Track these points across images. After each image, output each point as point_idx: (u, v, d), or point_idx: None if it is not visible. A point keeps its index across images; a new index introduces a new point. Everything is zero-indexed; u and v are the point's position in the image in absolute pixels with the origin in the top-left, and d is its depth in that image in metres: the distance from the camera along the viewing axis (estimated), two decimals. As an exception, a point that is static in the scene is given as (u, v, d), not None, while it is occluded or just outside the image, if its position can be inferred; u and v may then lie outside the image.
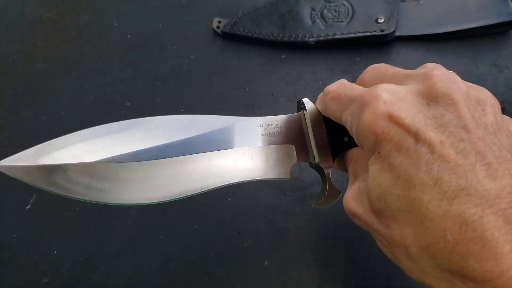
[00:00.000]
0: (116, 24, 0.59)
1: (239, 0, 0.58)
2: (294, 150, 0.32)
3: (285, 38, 0.52)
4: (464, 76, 0.47)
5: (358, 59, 0.50)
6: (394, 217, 0.23)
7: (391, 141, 0.22)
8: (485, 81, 0.47)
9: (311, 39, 0.51)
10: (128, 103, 0.51)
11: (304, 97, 0.49)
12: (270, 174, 0.32)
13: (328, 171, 0.32)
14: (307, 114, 0.32)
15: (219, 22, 0.55)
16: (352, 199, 0.27)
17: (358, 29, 0.50)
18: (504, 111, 0.44)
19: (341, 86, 0.28)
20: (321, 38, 0.51)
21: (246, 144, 0.31)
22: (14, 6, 0.63)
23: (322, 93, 0.31)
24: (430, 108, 0.23)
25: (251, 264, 0.40)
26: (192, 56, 0.54)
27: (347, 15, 0.51)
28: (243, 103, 0.49)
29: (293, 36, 0.51)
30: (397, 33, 0.50)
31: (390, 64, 0.44)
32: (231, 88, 0.51)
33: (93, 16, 0.60)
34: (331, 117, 0.30)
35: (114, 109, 0.51)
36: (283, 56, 0.52)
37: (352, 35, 0.50)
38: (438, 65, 0.25)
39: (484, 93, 0.25)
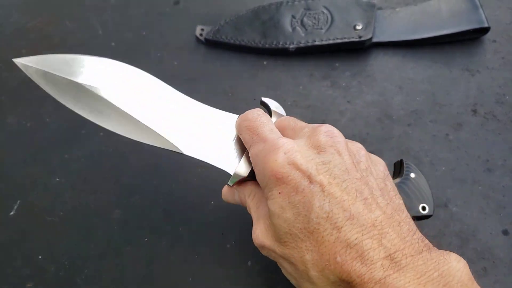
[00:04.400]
0: (100, 32, 0.60)
1: (222, 8, 0.60)
2: None
3: (267, 45, 0.53)
4: (439, 80, 0.49)
5: (337, 64, 0.52)
6: (297, 246, 0.27)
7: (290, 183, 0.27)
8: (458, 85, 0.48)
9: (291, 46, 0.52)
10: (112, 109, 0.51)
11: (285, 101, 0.50)
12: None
13: None
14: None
15: (202, 29, 0.56)
16: (260, 234, 0.31)
17: (337, 35, 0.52)
18: (476, 113, 0.46)
19: (257, 118, 0.32)
20: (301, 45, 0.52)
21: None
22: (-3, 14, 0.64)
23: (240, 116, 0.34)
24: (320, 156, 0.28)
25: (234, 265, 0.40)
26: (175, 63, 0.55)
27: (326, 22, 0.53)
28: (226, 108, 0.50)
29: (274, 43, 0.53)
30: (375, 40, 0.52)
31: (369, 69, 0.47)
32: (214, 93, 0.52)
33: (77, 24, 0.61)
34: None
35: (99, 115, 0.51)
36: (264, 63, 0.54)
37: (331, 42, 0.52)
38: (324, 124, 0.31)
39: (356, 145, 0.31)
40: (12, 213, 0.45)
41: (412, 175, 0.36)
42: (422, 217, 0.35)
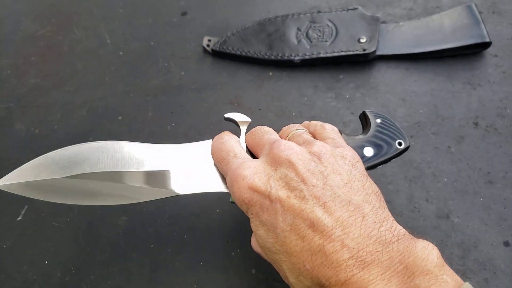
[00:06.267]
0: (108, 41, 0.61)
1: (228, 19, 0.61)
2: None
3: (272, 57, 0.54)
4: (441, 93, 0.50)
5: (341, 76, 0.53)
6: (274, 258, 0.30)
7: (255, 205, 0.30)
8: (460, 98, 0.49)
9: (296, 58, 0.53)
10: (119, 117, 0.52)
11: (290, 112, 0.51)
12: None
13: None
14: None
15: (209, 40, 0.57)
16: (254, 244, 0.34)
17: (341, 48, 0.53)
18: (477, 125, 0.47)
19: (222, 147, 0.35)
20: (306, 57, 0.53)
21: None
22: (7, 22, 0.65)
23: (211, 148, 0.36)
24: (277, 172, 0.30)
25: (238, 272, 0.41)
26: (182, 73, 0.56)
27: (331, 35, 0.54)
28: (232, 117, 0.51)
29: (280, 54, 0.54)
30: (378, 53, 0.53)
31: (372, 82, 0.48)
32: (220, 103, 0.52)
33: (85, 32, 0.62)
34: None
35: (106, 123, 0.52)
36: (270, 74, 0.55)
37: (335, 54, 0.53)
38: (277, 139, 0.33)
39: (318, 144, 0.31)
40: (19, 218, 0.46)
41: (378, 120, 0.38)
42: (403, 151, 0.37)
